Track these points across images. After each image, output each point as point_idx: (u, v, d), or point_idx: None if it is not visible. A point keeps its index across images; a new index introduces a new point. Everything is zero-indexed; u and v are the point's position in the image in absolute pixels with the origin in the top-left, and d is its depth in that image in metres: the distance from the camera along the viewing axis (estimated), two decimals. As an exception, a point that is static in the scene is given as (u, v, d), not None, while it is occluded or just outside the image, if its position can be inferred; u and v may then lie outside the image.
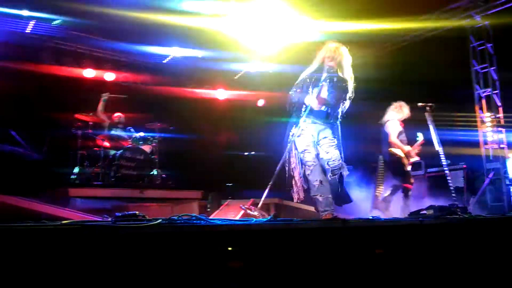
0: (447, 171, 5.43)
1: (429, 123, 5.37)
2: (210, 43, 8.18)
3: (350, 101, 3.94)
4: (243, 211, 4.17)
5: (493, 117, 7.50)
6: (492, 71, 7.59)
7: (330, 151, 3.75)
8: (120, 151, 6.54)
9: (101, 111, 7.07)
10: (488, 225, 4.24)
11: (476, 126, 7.66)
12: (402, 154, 5.66)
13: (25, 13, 6.93)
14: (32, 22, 7.34)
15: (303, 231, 2.95)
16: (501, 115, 7.46)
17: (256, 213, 3.77)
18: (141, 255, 2.13)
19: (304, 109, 3.81)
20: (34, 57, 7.62)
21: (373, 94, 6.56)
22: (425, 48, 7.98)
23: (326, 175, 3.75)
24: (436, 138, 5.33)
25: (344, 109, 3.94)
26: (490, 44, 7.63)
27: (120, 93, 7.50)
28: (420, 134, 5.86)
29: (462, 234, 3.87)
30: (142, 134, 7.19)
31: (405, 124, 5.91)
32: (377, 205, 5.74)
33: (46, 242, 1.92)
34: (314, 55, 4.00)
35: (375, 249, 3.24)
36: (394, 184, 5.79)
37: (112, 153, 6.64)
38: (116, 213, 2.42)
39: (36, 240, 1.90)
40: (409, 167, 5.73)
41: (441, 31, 7.88)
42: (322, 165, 3.77)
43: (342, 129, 3.97)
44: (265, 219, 3.20)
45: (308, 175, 3.75)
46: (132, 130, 7.22)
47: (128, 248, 2.14)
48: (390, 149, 5.71)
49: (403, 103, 5.85)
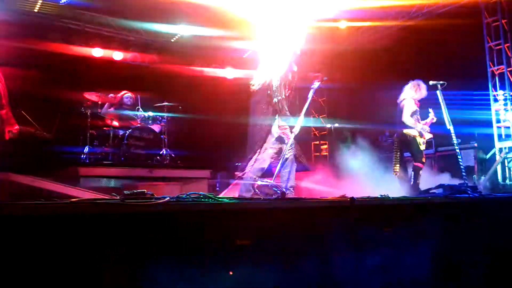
0: (458, 150, 5.37)
1: (440, 102, 5.29)
2: (218, 21, 8.09)
3: None
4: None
5: (506, 95, 7.36)
6: (506, 48, 7.42)
7: None
8: (129, 131, 6.55)
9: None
10: (498, 204, 4.21)
11: (489, 104, 7.54)
12: (416, 133, 5.65)
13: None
14: (40, 1, 7.30)
15: (311, 210, 2.95)
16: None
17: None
18: (149, 233, 2.15)
19: None
20: (43, 37, 7.59)
21: (384, 73, 6.47)
22: (437, 25, 7.80)
23: None
24: (447, 117, 5.26)
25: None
26: (505, 20, 7.44)
27: (128, 72, 7.47)
28: (431, 110, 5.82)
29: (472, 213, 3.84)
30: (151, 114, 7.20)
31: (420, 104, 5.85)
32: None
33: (56, 219, 1.94)
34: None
35: (384, 228, 3.24)
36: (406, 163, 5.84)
37: (121, 133, 6.66)
38: (125, 191, 2.43)
39: (48, 217, 1.93)
40: (423, 146, 5.71)
41: (454, 7, 7.69)
42: None
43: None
44: (273, 198, 3.21)
45: None
46: (141, 110, 7.21)
47: (136, 226, 2.15)
48: (404, 130, 5.70)
49: (421, 82, 5.76)
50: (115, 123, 6.86)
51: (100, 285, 1.99)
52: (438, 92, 5.29)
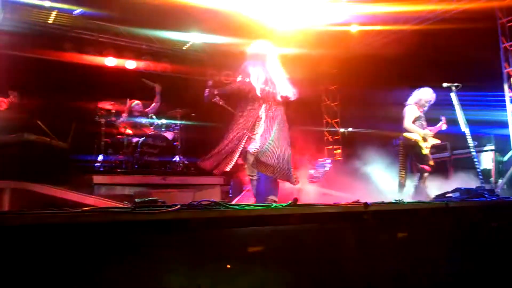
0: (474, 153, 5.28)
1: (455, 104, 5.22)
2: (229, 27, 8.12)
3: None
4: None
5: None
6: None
7: None
8: (143, 138, 6.61)
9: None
10: (517, 208, 4.11)
11: (505, 106, 7.40)
12: (419, 138, 5.64)
13: (47, 4, 7.01)
14: (54, 13, 7.44)
15: (324, 215, 2.91)
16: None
17: None
18: (160, 241, 2.15)
19: None
20: (57, 47, 7.73)
21: (398, 76, 6.41)
22: (451, 26, 7.70)
23: None
24: (463, 119, 5.18)
25: None
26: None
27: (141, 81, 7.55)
28: (443, 118, 5.84)
29: (489, 217, 3.76)
30: (164, 121, 7.25)
31: (432, 106, 5.84)
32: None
33: (68, 228, 1.95)
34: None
35: (398, 233, 3.18)
36: (417, 168, 5.79)
37: (135, 141, 6.72)
38: (136, 199, 2.44)
39: (58, 227, 1.94)
40: (427, 150, 5.68)
41: (466, 9, 7.58)
42: None
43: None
44: (285, 204, 3.18)
45: None
46: (154, 117, 7.27)
47: (147, 234, 2.15)
48: (404, 134, 5.74)
49: (428, 88, 5.77)
50: (129, 131, 6.93)
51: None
52: (453, 94, 5.22)
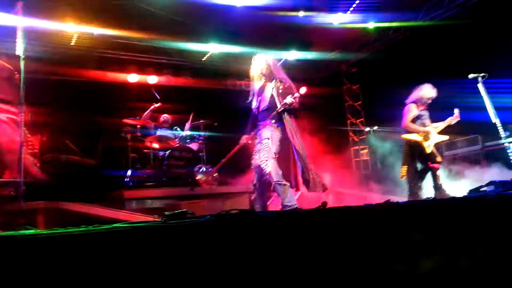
0: (507, 144, 5.10)
1: (483, 95, 5.05)
2: (247, 36, 8.19)
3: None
4: None
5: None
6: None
7: None
8: (169, 151, 6.69)
9: (147, 119, 7.26)
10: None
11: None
12: (419, 138, 5.57)
13: (69, 28, 7.23)
14: (75, 35, 7.66)
15: (355, 218, 2.86)
16: None
17: None
18: (192, 252, 2.15)
19: None
20: (81, 68, 7.94)
21: (422, 71, 6.30)
22: (476, 14, 7.50)
23: None
24: (492, 110, 5.01)
25: None
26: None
27: (163, 95, 7.67)
28: (456, 111, 5.71)
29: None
30: (188, 133, 7.33)
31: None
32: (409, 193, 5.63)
33: (100, 245, 1.98)
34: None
35: (433, 232, 3.09)
36: (421, 168, 5.69)
37: (161, 154, 6.81)
38: (165, 212, 2.46)
39: (91, 244, 1.97)
40: (431, 149, 5.56)
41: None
42: None
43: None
44: (315, 208, 3.15)
45: None
46: (179, 130, 7.37)
47: (179, 246, 2.16)
48: (403, 136, 5.71)
49: (427, 85, 5.72)
50: (155, 145, 7.02)
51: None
52: (480, 85, 5.07)
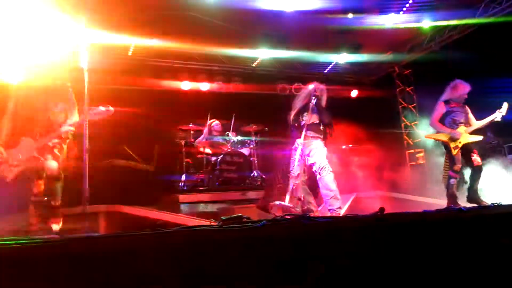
0: None
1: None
2: (295, 40, 8.19)
3: None
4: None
5: None
6: None
7: None
8: (221, 156, 6.81)
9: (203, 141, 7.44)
10: None
11: None
12: (444, 138, 5.31)
13: (126, 39, 7.56)
14: (132, 46, 8.01)
15: (413, 224, 2.77)
16: None
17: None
18: (249, 257, 2.17)
19: None
20: (137, 77, 8.28)
21: (476, 70, 6.02)
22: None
23: None
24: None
25: None
26: None
27: (215, 101, 7.83)
28: (505, 105, 5.24)
29: None
30: (240, 138, 7.43)
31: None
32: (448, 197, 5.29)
33: (163, 248, 2.05)
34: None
35: (500, 239, 2.93)
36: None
37: (214, 159, 6.94)
38: (222, 217, 2.51)
39: (152, 246, 2.04)
40: (456, 151, 5.20)
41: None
42: None
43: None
44: (371, 214, 3.07)
45: None
46: (230, 135, 7.49)
47: (236, 250, 2.19)
48: (426, 135, 5.56)
49: (459, 82, 5.43)
50: (208, 150, 7.18)
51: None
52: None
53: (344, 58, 9.26)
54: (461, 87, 5.38)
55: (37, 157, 3.88)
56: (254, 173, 7.16)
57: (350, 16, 7.42)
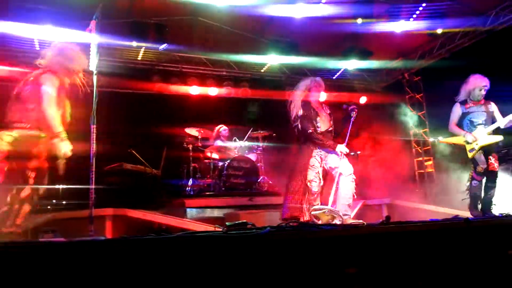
0: None
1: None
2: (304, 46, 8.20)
3: None
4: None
5: None
6: None
7: None
8: (228, 161, 6.81)
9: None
10: None
11: None
12: (458, 141, 4.99)
13: (134, 44, 7.61)
14: (142, 50, 8.06)
15: (419, 234, 2.74)
16: None
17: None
18: (253, 263, 2.16)
19: None
20: (146, 81, 8.33)
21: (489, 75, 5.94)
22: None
23: None
24: None
25: None
26: None
27: (222, 105, 7.84)
28: None
29: None
30: (247, 143, 7.43)
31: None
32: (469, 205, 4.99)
33: (166, 253, 2.05)
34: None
35: (508, 251, 2.88)
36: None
37: (221, 164, 6.94)
38: (227, 223, 2.50)
39: (157, 251, 2.04)
40: (472, 153, 4.87)
41: None
42: None
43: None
44: (378, 222, 3.05)
45: None
46: (237, 140, 7.49)
47: (240, 256, 2.18)
48: (440, 140, 5.27)
49: (473, 76, 5.02)
50: (215, 155, 7.18)
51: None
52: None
53: (354, 65, 9.23)
54: (472, 81, 4.99)
55: None
56: (261, 179, 7.14)
57: (359, 22, 7.40)
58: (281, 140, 7.51)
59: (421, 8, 7.37)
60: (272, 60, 8.89)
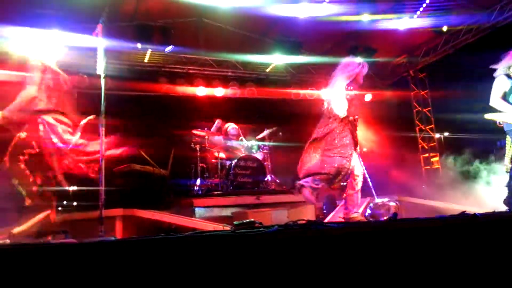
0: None
1: None
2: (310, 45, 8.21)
3: None
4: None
5: None
6: None
7: None
8: (235, 161, 6.86)
9: (214, 131, 7.54)
10: None
11: None
12: (503, 119, 4.31)
13: (139, 46, 7.66)
14: (148, 52, 8.13)
15: (427, 231, 2.76)
16: None
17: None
18: (260, 262, 2.20)
19: None
20: (153, 83, 8.41)
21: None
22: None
23: None
24: None
25: None
26: None
27: (231, 106, 7.91)
28: None
29: None
30: (254, 143, 7.48)
31: None
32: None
33: (175, 253, 2.10)
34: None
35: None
36: None
37: (228, 163, 7.00)
38: (234, 222, 2.55)
39: (166, 251, 2.09)
40: None
41: None
42: None
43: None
44: (384, 219, 3.08)
45: None
46: (244, 140, 7.55)
47: (248, 255, 2.22)
48: (485, 116, 4.42)
49: None
50: (222, 155, 7.24)
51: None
52: None
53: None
54: None
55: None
56: (268, 178, 7.19)
57: (365, 19, 7.39)
58: (288, 139, 7.56)
59: (425, 5, 7.36)
60: (277, 60, 8.93)
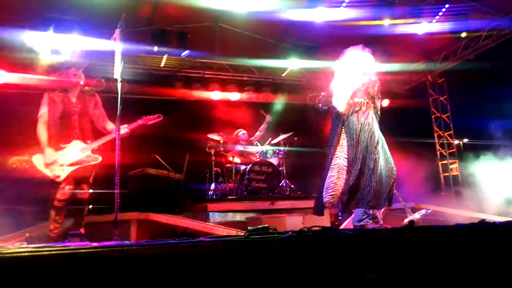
0: None
1: None
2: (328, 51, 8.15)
3: None
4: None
5: None
6: None
7: None
8: (250, 166, 6.84)
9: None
10: None
11: None
12: None
13: (155, 49, 7.71)
14: (165, 57, 8.19)
15: (444, 239, 2.69)
16: None
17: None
18: (274, 268, 2.18)
19: None
20: (169, 87, 8.47)
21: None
22: None
23: None
24: None
25: None
26: None
27: (245, 111, 7.91)
28: None
29: None
30: (269, 147, 7.45)
31: None
32: None
33: (189, 257, 2.08)
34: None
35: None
36: None
37: (243, 168, 6.98)
38: (249, 227, 2.52)
39: (180, 255, 2.08)
40: None
41: None
42: None
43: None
44: (399, 227, 3.02)
45: None
46: (259, 145, 7.53)
47: (262, 261, 2.20)
48: None
49: None
50: (237, 160, 7.23)
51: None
52: None
53: (376, 68, 9.14)
54: None
55: (86, 160, 4.09)
56: (283, 183, 7.15)
57: (383, 23, 7.32)
58: (303, 144, 7.52)
59: (444, 10, 7.26)
60: (293, 65, 8.90)
